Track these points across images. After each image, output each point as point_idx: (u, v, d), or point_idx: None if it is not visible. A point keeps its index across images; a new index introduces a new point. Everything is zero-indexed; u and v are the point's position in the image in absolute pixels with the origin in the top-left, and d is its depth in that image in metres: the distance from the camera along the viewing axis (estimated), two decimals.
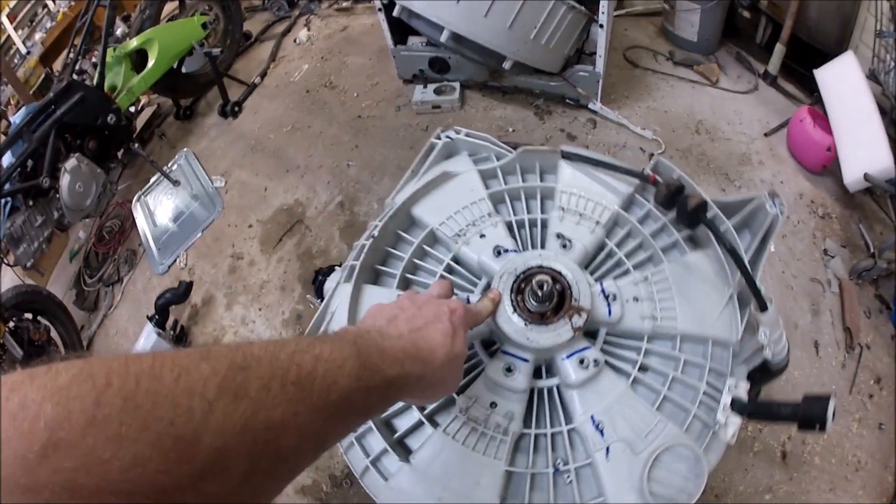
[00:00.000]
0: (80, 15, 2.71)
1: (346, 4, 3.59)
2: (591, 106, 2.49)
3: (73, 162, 2.37)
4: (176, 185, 2.75)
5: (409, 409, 0.85)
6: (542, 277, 0.81)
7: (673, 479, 0.73)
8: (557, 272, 0.86)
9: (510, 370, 0.82)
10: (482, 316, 0.77)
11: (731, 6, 2.69)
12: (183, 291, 2.19)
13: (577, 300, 0.83)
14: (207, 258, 2.48)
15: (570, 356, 0.81)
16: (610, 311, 0.85)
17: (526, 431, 0.81)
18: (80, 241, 2.92)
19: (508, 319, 0.82)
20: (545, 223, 0.99)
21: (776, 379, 0.86)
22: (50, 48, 3.52)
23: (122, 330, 2.48)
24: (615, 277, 0.91)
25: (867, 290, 1.98)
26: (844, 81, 2.13)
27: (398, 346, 0.57)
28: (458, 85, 2.67)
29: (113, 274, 2.69)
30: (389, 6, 2.32)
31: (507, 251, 0.93)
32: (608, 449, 0.76)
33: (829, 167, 2.21)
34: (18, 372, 0.33)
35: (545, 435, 0.82)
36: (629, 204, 1.00)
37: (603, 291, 0.86)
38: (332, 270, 1.10)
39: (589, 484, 0.78)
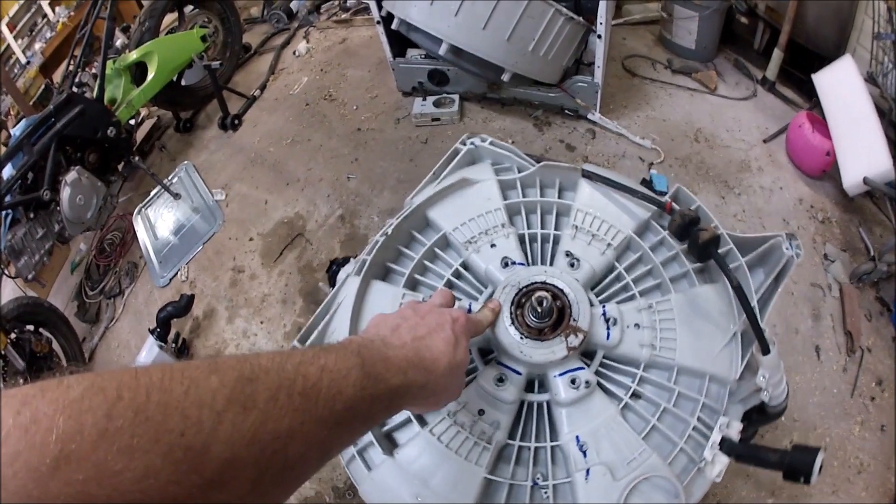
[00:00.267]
0: (79, 26, 2.72)
1: (345, 17, 3.60)
2: (590, 116, 2.50)
3: (73, 175, 2.38)
4: (176, 197, 2.76)
5: None
6: (542, 294, 0.81)
7: None
8: (560, 290, 0.86)
9: (502, 380, 0.82)
10: (483, 325, 0.78)
11: (728, 13, 2.70)
12: (184, 305, 2.19)
13: (575, 320, 0.83)
14: (208, 271, 2.48)
15: (562, 374, 0.81)
16: (609, 334, 0.84)
17: (510, 442, 0.82)
18: (81, 253, 2.92)
19: (505, 331, 0.83)
20: (557, 239, 0.99)
21: (773, 422, 0.84)
22: (50, 58, 3.54)
23: (123, 342, 2.47)
24: (619, 302, 0.90)
25: (867, 293, 1.98)
26: (843, 85, 2.14)
27: (401, 354, 0.58)
28: (457, 97, 2.67)
29: (114, 286, 2.69)
30: (388, 19, 2.32)
31: (514, 263, 0.93)
32: (588, 471, 0.76)
33: (828, 172, 2.22)
34: (29, 385, 0.33)
35: (529, 448, 0.82)
36: (644, 229, 0.99)
37: (604, 314, 0.86)
38: (346, 261, 1.10)
39: (565, 502, 0.78)
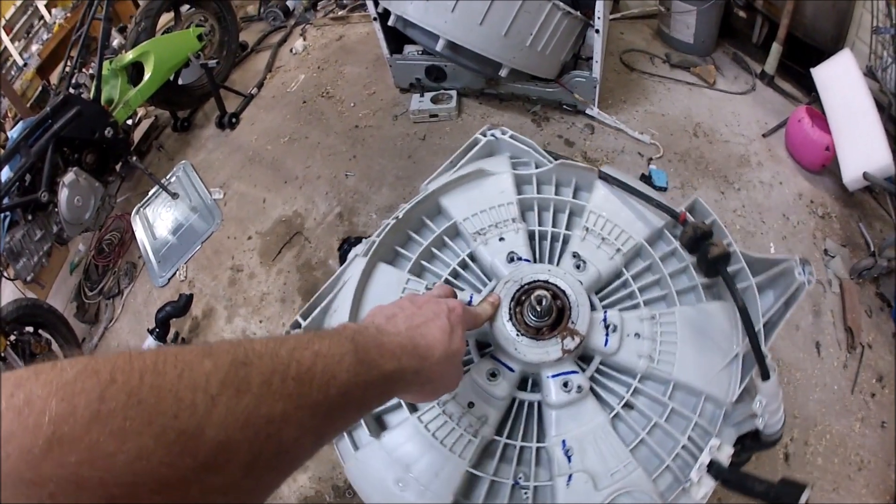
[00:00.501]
0: (75, 27, 2.71)
1: (341, 14, 3.58)
2: (588, 111, 2.49)
3: (71, 176, 2.38)
4: (175, 197, 2.75)
5: None
6: (542, 293, 0.80)
7: None
8: (561, 291, 0.85)
9: (495, 375, 0.82)
10: (481, 318, 0.78)
11: (726, 6, 2.68)
12: (183, 304, 2.19)
13: (574, 322, 0.82)
14: (207, 270, 2.48)
15: (555, 376, 0.81)
16: (607, 341, 0.83)
17: (497, 438, 0.81)
18: (80, 253, 2.92)
19: (502, 327, 0.82)
20: (566, 239, 0.98)
21: (768, 450, 0.81)
22: (47, 60, 3.54)
23: (123, 343, 2.47)
24: (623, 309, 0.89)
25: (868, 288, 1.97)
26: (842, 80, 2.13)
27: (396, 341, 0.58)
28: (454, 93, 2.65)
29: (113, 286, 2.69)
30: (384, 15, 2.31)
31: (520, 259, 0.93)
32: (571, 476, 0.75)
33: (828, 166, 2.21)
34: (23, 369, 0.33)
35: (514, 446, 0.82)
36: (657, 238, 0.98)
37: (605, 320, 0.85)
38: (359, 241, 1.10)
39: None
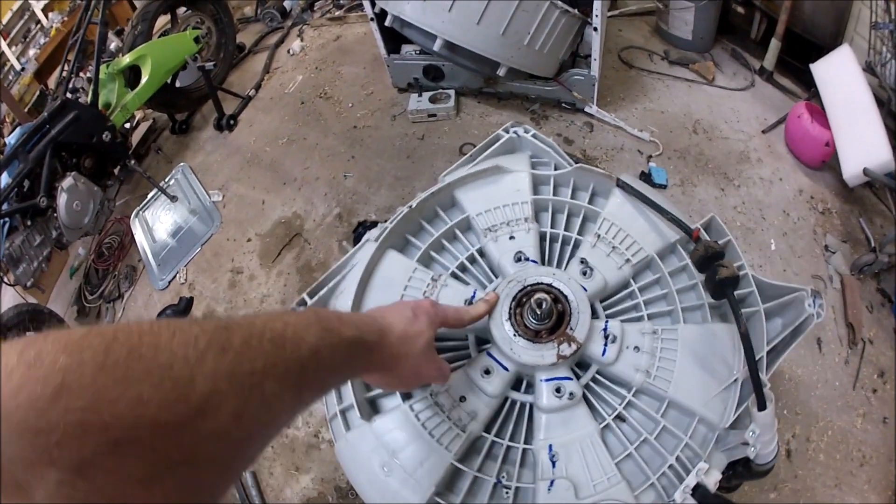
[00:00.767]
0: (72, 31, 2.70)
1: (338, 14, 3.57)
2: (587, 109, 2.48)
3: (69, 181, 2.37)
4: (173, 200, 2.75)
5: None
6: (543, 296, 0.80)
7: None
8: (563, 296, 0.84)
9: (488, 372, 0.82)
10: (469, 315, 0.79)
11: (725, 3, 2.67)
12: (184, 307, 2.20)
13: (572, 329, 0.82)
14: (207, 273, 2.48)
15: (549, 380, 0.81)
16: (605, 351, 0.83)
17: (485, 435, 0.82)
18: (79, 257, 2.92)
19: (500, 325, 0.82)
20: (577, 244, 0.97)
21: (759, 479, 0.80)
22: (44, 64, 3.53)
23: None
24: (625, 320, 0.88)
25: (869, 284, 1.97)
26: (841, 75, 2.12)
27: (356, 316, 0.68)
28: (452, 92, 2.64)
29: (113, 290, 2.68)
30: (382, 15, 2.30)
31: (527, 260, 0.93)
32: (553, 482, 0.75)
33: (827, 162, 2.21)
34: (33, 334, 0.38)
35: (501, 445, 0.82)
36: (669, 252, 0.97)
37: (605, 330, 0.84)
38: (374, 225, 1.10)
39: None
